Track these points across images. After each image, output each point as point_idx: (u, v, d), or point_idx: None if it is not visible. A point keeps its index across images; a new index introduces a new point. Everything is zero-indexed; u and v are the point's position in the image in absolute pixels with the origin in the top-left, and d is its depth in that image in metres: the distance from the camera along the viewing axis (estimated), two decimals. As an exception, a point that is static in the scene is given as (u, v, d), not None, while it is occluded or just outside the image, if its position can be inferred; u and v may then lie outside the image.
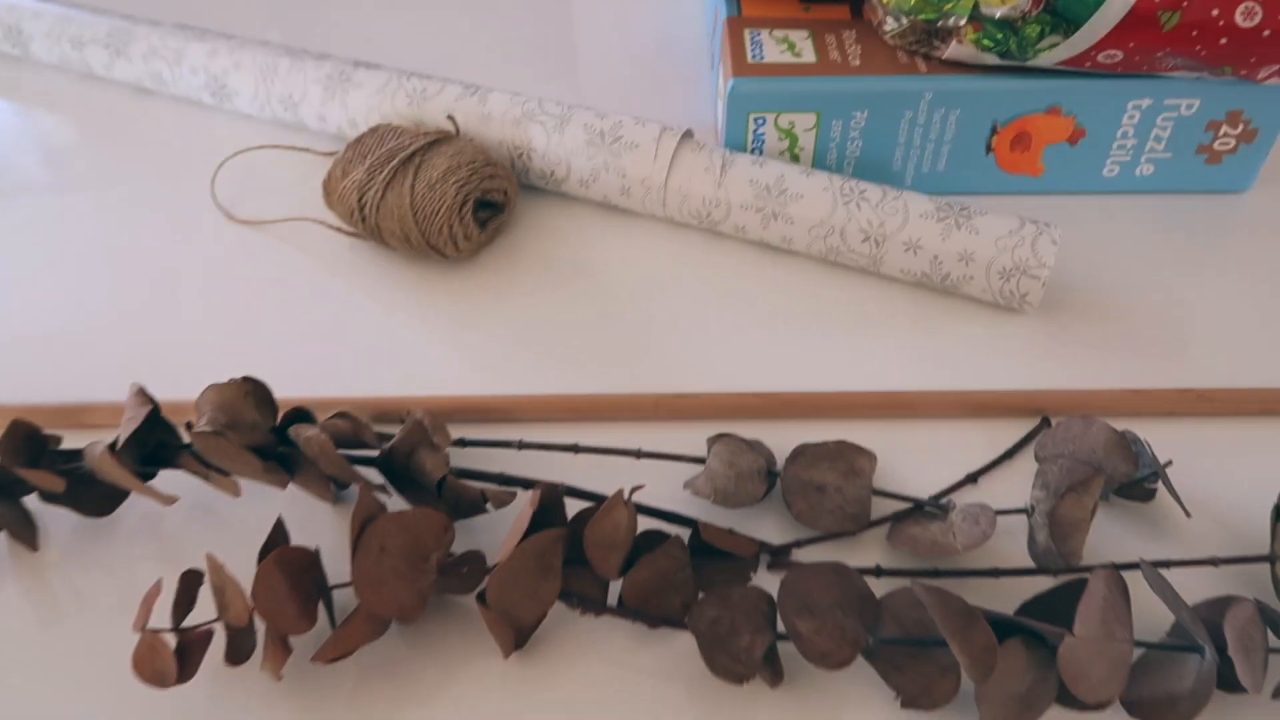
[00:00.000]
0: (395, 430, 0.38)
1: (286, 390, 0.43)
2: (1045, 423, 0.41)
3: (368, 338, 0.45)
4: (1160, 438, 0.40)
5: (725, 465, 0.38)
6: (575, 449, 0.39)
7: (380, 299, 0.47)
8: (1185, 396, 0.41)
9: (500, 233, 0.49)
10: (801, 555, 0.37)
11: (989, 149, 0.49)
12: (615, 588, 0.35)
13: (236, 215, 0.51)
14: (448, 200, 0.45)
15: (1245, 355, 0.43)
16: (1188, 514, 0.37)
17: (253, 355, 0.44)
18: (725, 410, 0.42)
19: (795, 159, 0.50)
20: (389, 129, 0.48)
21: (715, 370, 0.43)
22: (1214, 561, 0.34)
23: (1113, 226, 0.49)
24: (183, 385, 0.43)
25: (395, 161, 0.46)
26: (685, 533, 0.36)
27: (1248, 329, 0.44)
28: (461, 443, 0.40)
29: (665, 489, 0.39)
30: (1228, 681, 0.31)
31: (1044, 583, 0.36)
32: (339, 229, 0.49)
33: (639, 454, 0.39)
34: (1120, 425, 0.40)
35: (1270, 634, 0.32)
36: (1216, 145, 0.49)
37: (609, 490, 0.39)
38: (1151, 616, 0.34)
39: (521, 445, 0.39)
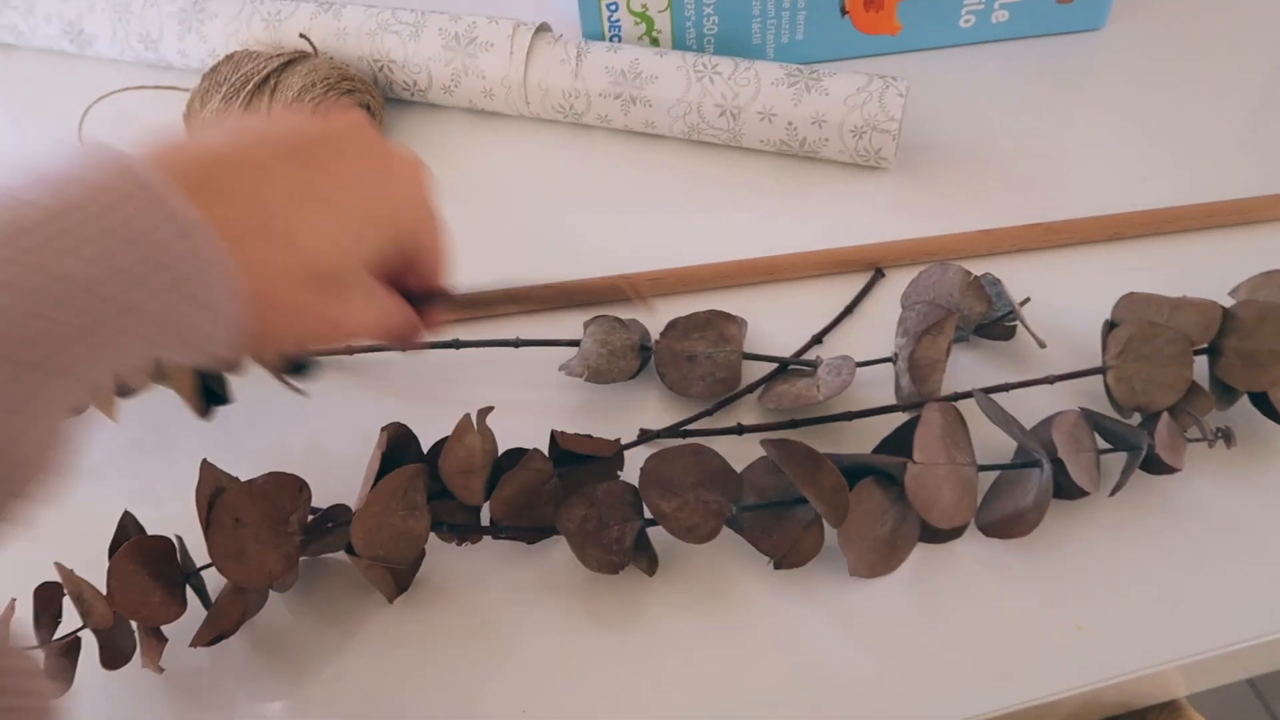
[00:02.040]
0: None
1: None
2: (878, 274, 0.42)
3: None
4: (1017, 275, 0.41)
5: (599, 344, 0.39)
6: (456, 344, 0.40)
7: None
8: (1033, 231, 0.42)
9: (370, 148, 0.50)
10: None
11: (844, 11, 0.49)
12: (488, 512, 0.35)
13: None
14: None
15: (1099, 187, 0.44)
16: (1042, 345, 0.38)
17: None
18: (599, 294, 0.42)
19: (655, 43, 0.50)
20: (244, 55, 0.48)
21: (592, 257, 0.44)
22: (1050, 380, 0.36)
23: (972, 77, 0.50)
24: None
25: (250, 86, 0.46)
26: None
27: (1099, 163, 0.46)
28: (348, 349, 0.41)
29: (547, 376, 0.40)
30: (1068, 490, 0.33)
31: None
32: (207, 161, 0.49)
33: (518, 343, 0.40)
34: (981, 267, 0.42)
35: (1099, 438, 0.34)
36: (1066, -16, 0.49)
37: (492, 385, 0.40)
38: (1002, 444, 0.36)
39: (404, 347, 0.40)
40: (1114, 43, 0.51)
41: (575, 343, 0.40)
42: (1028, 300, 0.39)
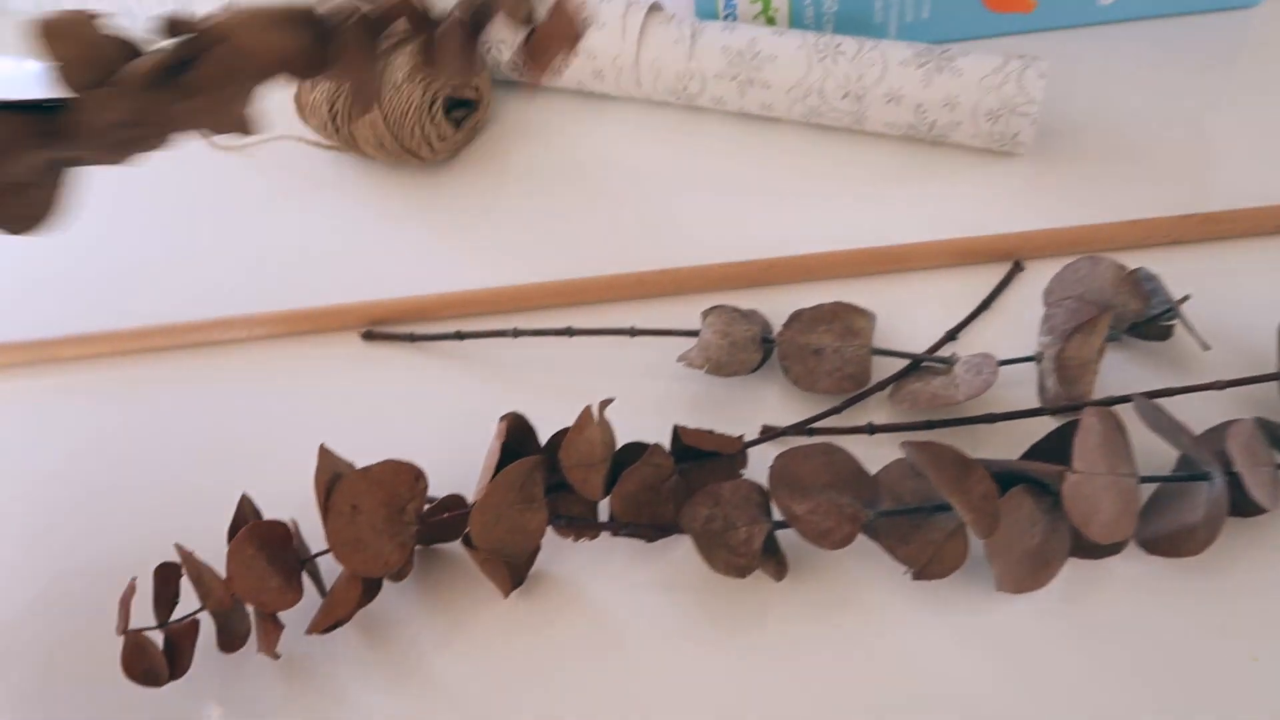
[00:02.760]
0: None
1: (293, 304, 0.43)
2: (1017, 267, 0.39)
3: (358, 246, 0.45)
4: (1172, 269, 0.38)
5: (719, 335, 0.37)
6: (569, 332, 0.39)
7: (366, 208, 0.46)
8: (1188, 222, 0.39)
9: (478, 130, 0.49)
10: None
11: (974, -12, 0.47)
12: (606, 507, 0.33)
13: (217, 142, 0.51)
14: (415, 101, 0.44)
15: (1257, 176, 0.41)
16: (1206, 347, 0.35)
17: (251, 275, 0.45)
18: (715, 281, 0.41)
19: (771, 21, 0.48)
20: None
21: (706, 245, 0.42)
22: (1219, 385, 0.33)
23: (1113, 58, 0.47)
24: (184, 309, 0.43)
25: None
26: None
27: (1258, 149, 0.42)
28: (459, 335, 0.39)
29: (662, 367, 0.39)
30: (1241, 506, 0.30)
31: (1052, 426, 0.35)
32: (315, 143, 0.48)
33: (632, 332, 0.39)
34: (1129, 261, 0.39)
35: (1276, 451, 0.31)
36: (1219, -43, 0.46)
37: (605, 375, 0.39)
38: (1163, 453, 0.33)
39: (517, 333, 0.39)
40: (1270, 20, 0.47)
41: (692, 333, 0.38)
42: (1187, 298, 0.36)
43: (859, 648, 0.31)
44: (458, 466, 0.36)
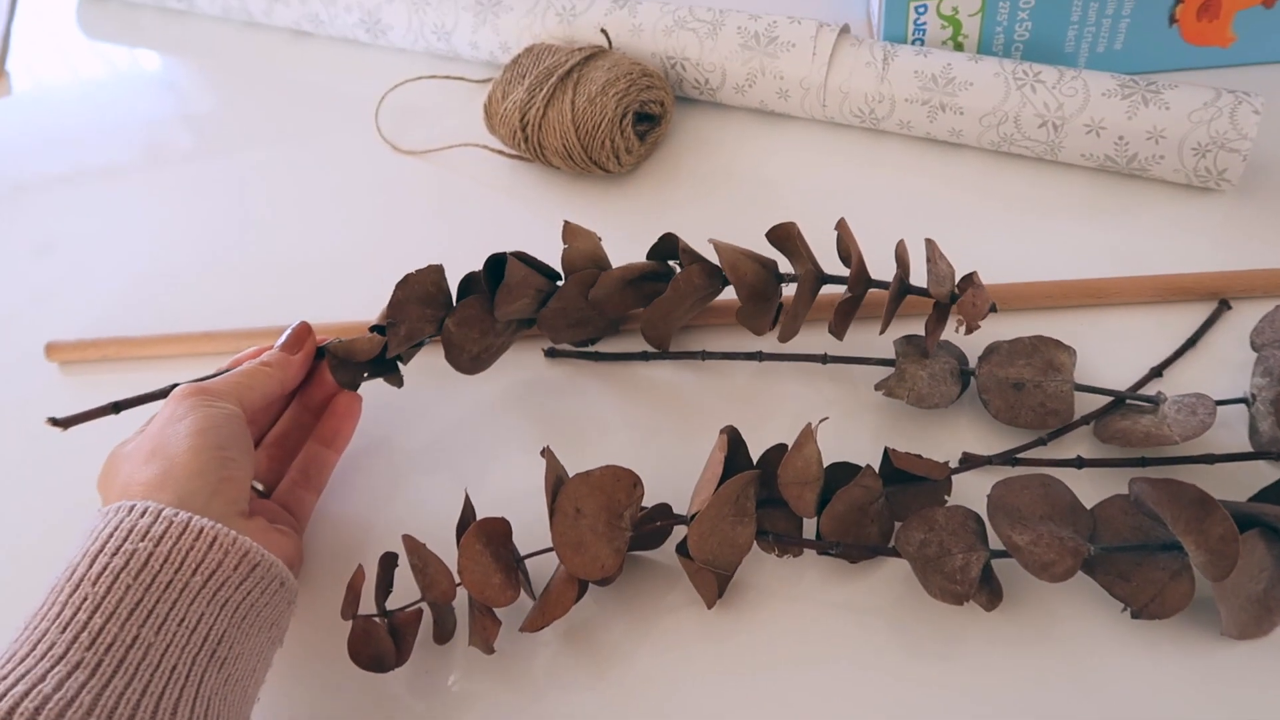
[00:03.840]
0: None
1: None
2: (1224, 305, 0.38)
3: (539, 255, 0.46)
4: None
5: (918, 366, 0.37)
6: (759, 356, 0.39)
7: (548, 217, 0.47)
8: None
9: (658, 145, 0.49)
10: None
11: (1173, 19, 0.46)
12: (808, 525, 0.34)
13: (401, 147, 0.52)
14: (608, 113, 0.45)
15: None
16: None
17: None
18: (905, 307, 0.41)
19: (959, 47, 0.48)
20: (544, 48, 0.48)
21: (885, 273, 0.42)
22: None
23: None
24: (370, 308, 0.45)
25: (554, 78, 0.46)
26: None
27: None
28: (644, 355, 0.40)
29: (857, 395, 0.39)
30: None
31: (1266, 472, 0.34)
32: (501, 152, 0.49)
33: (825, 359, 0.39)
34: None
35: None
36: None
37: (799, 401, 0.39)
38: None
39: (705, 355, 0.39)
40: None
41: (886, 361, 0.38)
42: None
43: (1068, 685, 0.31)
44: (657, 477, 0.37)
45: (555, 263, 0.39)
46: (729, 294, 0.39)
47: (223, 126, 0.57)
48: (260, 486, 0.37)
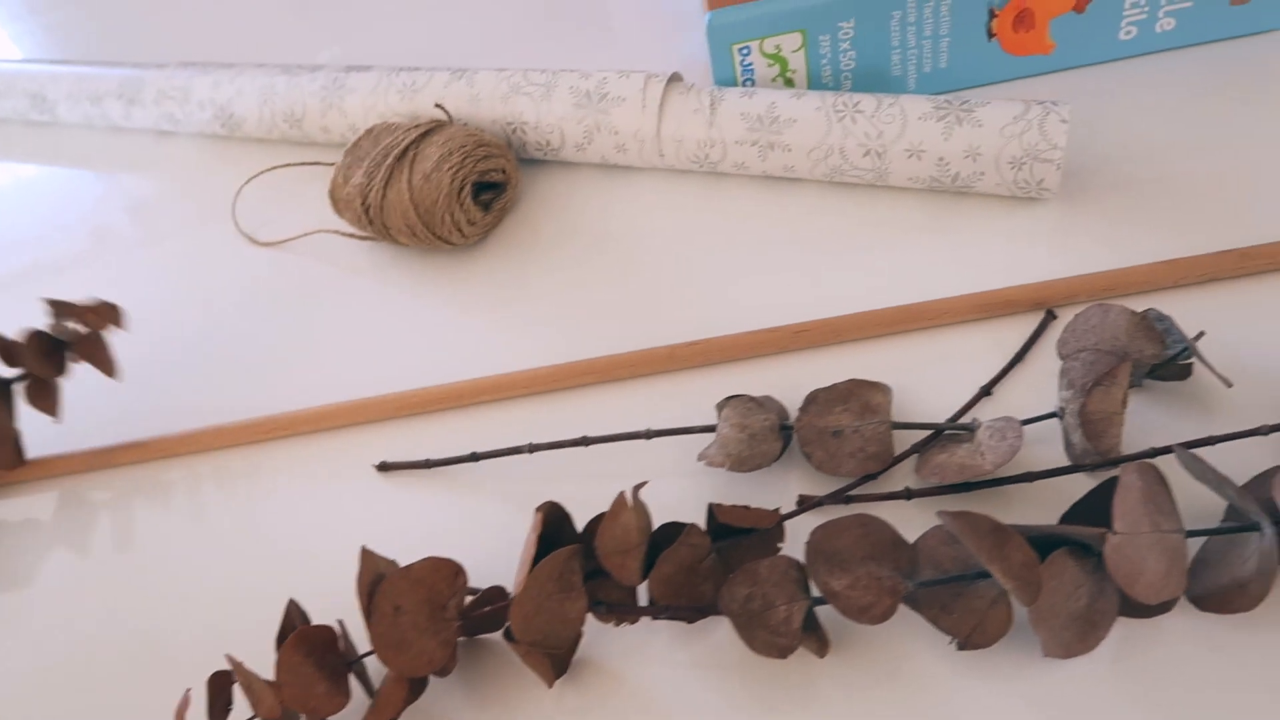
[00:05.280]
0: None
1: (330, 398, 0.44)
2: (1050, 316, 0.39)
3: (394, 336, 0.46)
4: (1203, 308, 0.38)
5: (736, 429, 0.37)
6: (585, 441, 0.39)
7: (401, 297, 0.48)
8: (1225, 259, 0.38)
9: (507, 211, 0.50)
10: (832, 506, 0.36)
11: (991, 34, 0.47)
12: (646, 589, 0.33)
13: (259, 239, 0.52)
14: (444, 188, 0.45)
15: (1294, 205, 0.40)
16: (1228, 384, 0.34)
17: (292, 370, 0.46)
18: (746, 350, 0.41)
19: (790, 83, 0.48)
20: (383, 127, 0.49)
21: (739, 311, 0.43)
22: (1262, 430, 0.32)
23: (1137, 93, 0.46)
24: (221, 409, 0.45)
25: (390, 159, 0.46)
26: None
27: (1295, 176, 0.41)
28: (474, 457, 0.40)
29: (684, 465, 0.39)
30: (1293, 555, 0.30)
31: (1085, 483, 0.34)
32: (351, 235, 0.50)
33: (649, 434, 0.38)
34: (1160, 301, 0.38)
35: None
36: (1240, -16, 0.45)
37: (628, 470, 0.39)
38: (1208, 502, 0.33)
39: (533, 448, 0.39)
40: (1299, 42, 0.46)
41: (710, 428, 0.38)
42: (1202, 334, 0.35)
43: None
44: (492, 558, 0.37)
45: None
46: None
47: (97, 234, 0.57)
48: None
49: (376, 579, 0.31)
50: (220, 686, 0.33)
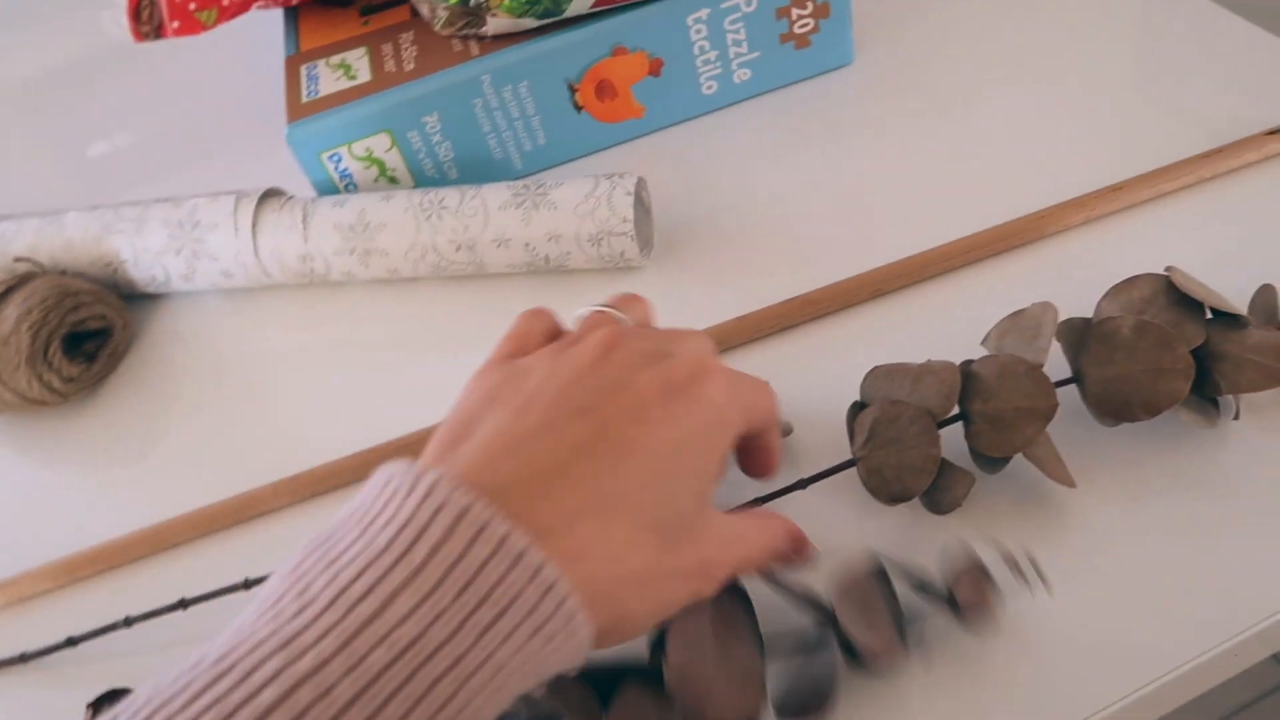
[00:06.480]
0: None
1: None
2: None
3: (12, 507, 0.43)
4: (778, 358, 0.39)
5: None
6: (183, 605, 0.36)
7: (7, 467, 0.44)
8: (790, 307, 0.39)
9: (120, 356, 0.47)
10: None
11: (578, 107, 0.47)
12: None
13: None
14: (24, 351, 0.42)
15: (865, 239, 0.42)
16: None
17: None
18: (365, 470, 0.40)
19: (393, 180, 0.48)
20: (-35, 291, 0.45)
21: (376, 422, 0.41)
22: (801, 484, 0.33)
23: (728, 142, 0.48)
24: None
25: (-36, 328, 0.43)
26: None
27: (865, 211, 0.43)
28: (71, 642, 0.36)
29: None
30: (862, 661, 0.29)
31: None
32: (-55, 410, 0.46)
33: (247, 584, 0.36)
34: (741, 357, 0.39)
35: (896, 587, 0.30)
36: (797, 29, 0.47)
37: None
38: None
39: (129, 621, 0.36)
40: (865, 74, 0.49)
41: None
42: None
43: None
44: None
45: None
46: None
47: None
48: None
49: None
50: None
